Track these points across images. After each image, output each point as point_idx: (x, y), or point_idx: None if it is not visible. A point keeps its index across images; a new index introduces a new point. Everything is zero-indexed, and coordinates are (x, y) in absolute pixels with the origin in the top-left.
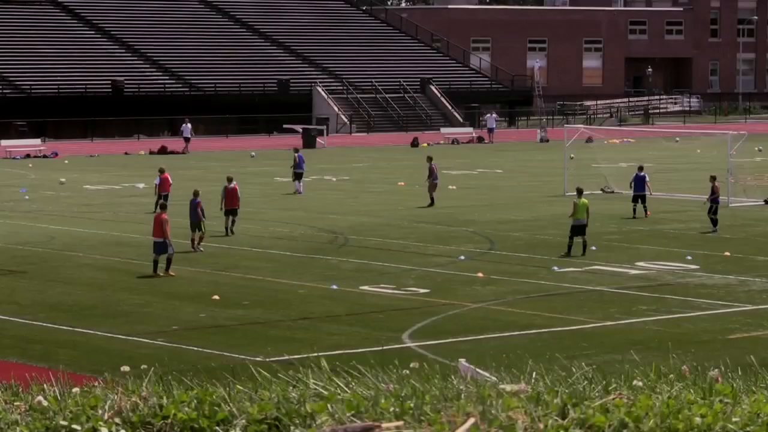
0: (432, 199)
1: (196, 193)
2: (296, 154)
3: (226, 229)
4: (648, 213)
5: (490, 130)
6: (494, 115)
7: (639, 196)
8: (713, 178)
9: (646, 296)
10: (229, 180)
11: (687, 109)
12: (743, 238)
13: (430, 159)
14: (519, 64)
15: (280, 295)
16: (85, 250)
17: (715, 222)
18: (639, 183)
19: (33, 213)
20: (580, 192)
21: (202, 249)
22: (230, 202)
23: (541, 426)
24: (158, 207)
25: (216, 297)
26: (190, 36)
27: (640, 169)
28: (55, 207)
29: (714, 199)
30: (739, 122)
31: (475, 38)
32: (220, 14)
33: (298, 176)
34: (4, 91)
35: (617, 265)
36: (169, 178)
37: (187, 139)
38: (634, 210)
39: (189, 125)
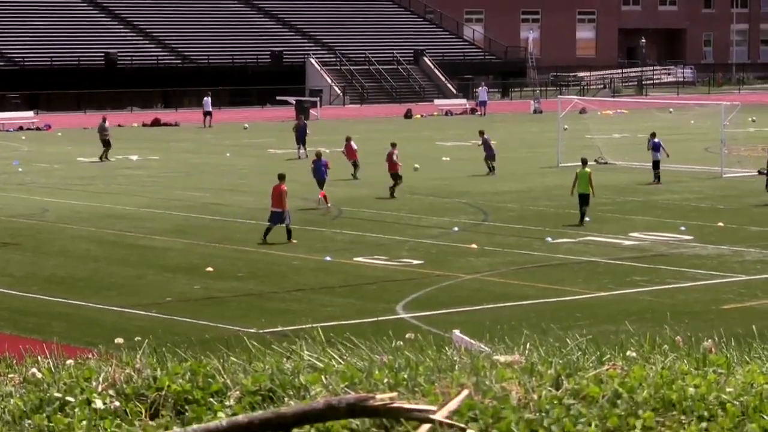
0: (489, 167)
1: (319, 155)
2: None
3: (391, 191)
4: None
5: (482, 103)
6: (485, 88)
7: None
8: None
9: (640, 267)
10: (393, 145)
11: (680, 80)
12: (737, 209)
13: (482, 133)
14: (512, 35)
15: (274, 266)
16: (79, 222)
17: None
18: (657, 149)
19: (26, 185)
20: (584, 162)
21: (328, 204)
22: (390, 166)
23: (535, 397)
24: (278, 177)
25: (210, 269)
26: (183, 8)
27: (653, 135)
28: (48, 179)
29: None
30: (732, 93)
31: (468, 9)
32: None
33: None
34: None
35: (611, 236)
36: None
37: (207, 113)
38: (659, 177)
39: (209, 99)
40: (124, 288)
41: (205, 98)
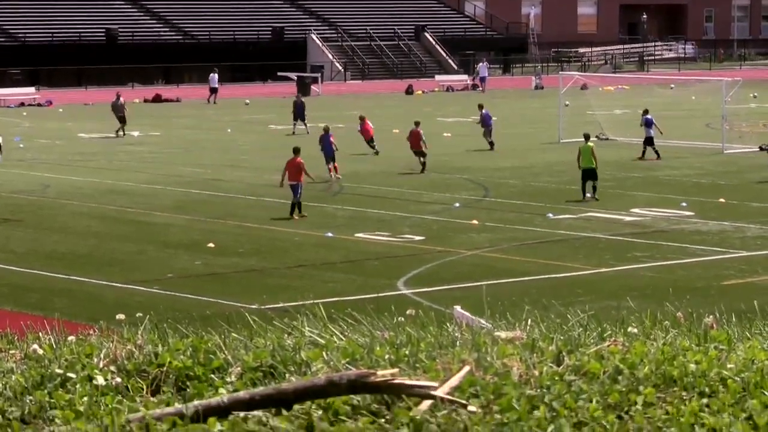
0: (490, 144)
1: (327, 129)
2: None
3: (422, 166)
4: (643, 157)
5: (482, 79)
6: (486, 64)
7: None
8: None
9: (640, 243)
10: (416, 124)
11: (682, 55)
12: (738, 185)
13: (481, 107)
14: (513, 11)
15: (276, 242)
16: (80, 198)
17: None
18: (649, 125)
19: (27, 161)
20: (586, 137)
21: (340, 177)
22: (414, 144)
23: (537, 373)
24: (293, 151)
25: (211, 245)
26: None
27: (646, 112)
28: (49, 155)
29: None
30: (734, 69)
31: None
32: None
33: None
34: None
35: (612, 211)
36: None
37: (214, 89)
38: (657, 152)
39: (216, 75)
40: (125, 264)
41: (212, 74)
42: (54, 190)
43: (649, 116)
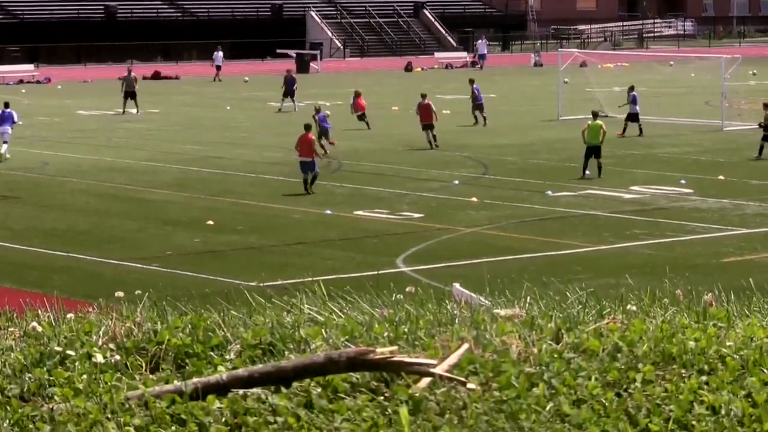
0: (475, 119)
1: (318, 109)
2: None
3: (429, 143)
4: (641, 134)
5: (482, 56)
6: (485, 41)
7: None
8: (766, 106)
9: (640, 220)
10: (423, 96)
11: (681, 33)
12: (737, 162)
13: (472, 82)
14: None
15: (275, 220)
16: (79, 175)
17: (761, 149)
18: (635, 101)
19: (26, 139)
20: (595, 115)
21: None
22: (425, 117)
23: (536, 351)
24: (304, 127)
25: (210, 222)
26: None
27: (632, 88)
28: (48, 133)
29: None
30: (733, 46)
31: None
32: None
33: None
34: None
35: (611, 189)
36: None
37: (218, 67)
38: (625, 129)
39: (221, 53)
40: (124, 241)
41: (216, 52)
42: (53, 167)
43: (634, 93)
